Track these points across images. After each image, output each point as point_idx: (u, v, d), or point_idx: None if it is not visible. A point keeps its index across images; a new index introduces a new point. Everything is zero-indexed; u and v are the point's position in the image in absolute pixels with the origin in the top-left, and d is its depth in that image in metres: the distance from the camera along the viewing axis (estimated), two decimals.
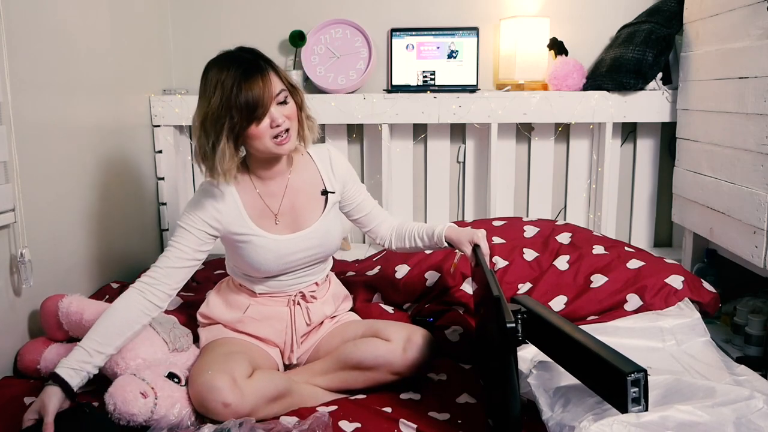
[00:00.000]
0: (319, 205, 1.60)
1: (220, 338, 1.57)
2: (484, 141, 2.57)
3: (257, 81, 1.37)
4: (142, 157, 2.41)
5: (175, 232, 1.52)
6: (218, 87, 1.37)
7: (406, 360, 1.50)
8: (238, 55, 1.43)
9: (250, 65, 1.39)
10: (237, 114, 1.37)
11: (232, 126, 1.38)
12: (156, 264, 1.48)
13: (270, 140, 1.42)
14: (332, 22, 2.53)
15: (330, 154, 1.63)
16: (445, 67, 2.51)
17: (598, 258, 1.90)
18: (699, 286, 1.80)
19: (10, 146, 1.60)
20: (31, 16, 1.74)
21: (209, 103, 1.39)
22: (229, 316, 1.60)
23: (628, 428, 1.08)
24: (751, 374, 1.50)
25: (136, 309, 1.42)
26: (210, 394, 1.32)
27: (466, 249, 1.61)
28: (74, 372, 1.32)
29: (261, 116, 1.39)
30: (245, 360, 1.43)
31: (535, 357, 1.49)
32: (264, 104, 1.38)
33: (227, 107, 1.37)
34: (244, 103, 1.36)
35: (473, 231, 1.62)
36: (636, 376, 1.06)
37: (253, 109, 1.37)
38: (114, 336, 1.39)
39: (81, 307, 1.59)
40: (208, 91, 1.40)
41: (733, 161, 1.83)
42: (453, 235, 1.64)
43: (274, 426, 1.31)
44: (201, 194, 1.52)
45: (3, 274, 1.63)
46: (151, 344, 1.49)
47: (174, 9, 2.61)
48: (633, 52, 2.25)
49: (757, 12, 1.72)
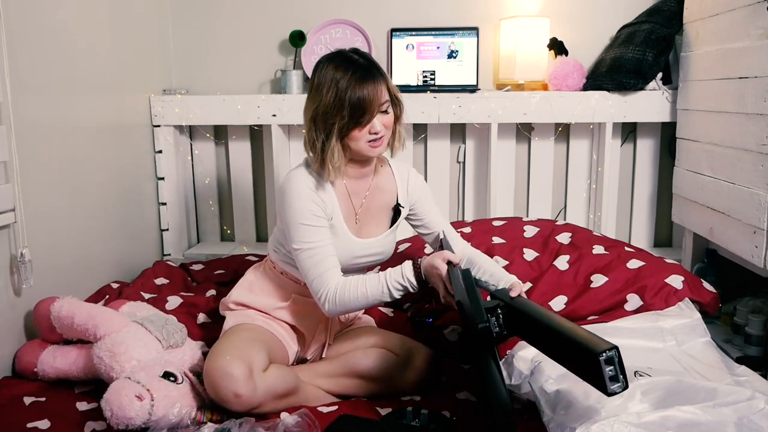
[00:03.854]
0: (388, 216, 1.65)
1: (246, 323, 1.57)
2: (484, 141, 2.57)
3: (370, 87, 1.44)
4: (142, 157, 2.40)
5: (300, 233, 1.48)
6: (333, 85, 1.43)
7: (409, 379, 1.54)
8: (354, 59, 1.48)
9: (366, 71, 1.45)
10: (347, 114, 1.43)
11: (341, 126, 1.44)
12: (315, 278, 1.47)
13: (365, 143, 1.48)
14: (332, 22, 2.53)
15: (410, 173, 1.69)
16: (445, 67, 2.51)
17: (598, 258, 1.90)
18: (699, 286, 1.80)
19: (10, 146, 1.60)
20: (31, 16, 1.73)
21: (322, 99, 1.45)
22: (271, 303, 1.61)
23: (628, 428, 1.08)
24: (752, 375, 1.49)
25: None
26: (224, 381, 1.33)
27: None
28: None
29: (366, 122, 1.45)
30: (264, 350, 1.44)
31: (535, 357, 1.49)
32: (371, 111, 1.45)
33: (339, 107, 1.43)
34: (355, 106, 1.43)
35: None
36: (608, 354, 1.04)
37: (362, 113, 1.44)
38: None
39: (72, 311, 1.57)
40: (322, 87, 1.45)
41: (733, 161, 1.83)
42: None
43: (273, 425, 1.31)
44: (299, 185, 1.51)
45: (3, 274, 1.63)
46: (144, 344, 1.49)
47: (174, 9, 2.61)
48: (633, 52, 2.25)
49: (757, 12, 1.72)
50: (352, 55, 1.49)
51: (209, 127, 2.63)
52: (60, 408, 1.44)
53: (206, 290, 2.06)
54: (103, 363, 1.44)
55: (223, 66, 2.64)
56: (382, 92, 1.46)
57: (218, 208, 2.74)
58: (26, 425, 1.35)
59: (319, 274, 1.46)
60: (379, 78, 1.46)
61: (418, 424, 1.32)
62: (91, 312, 1.56)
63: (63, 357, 1.57)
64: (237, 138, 2.64)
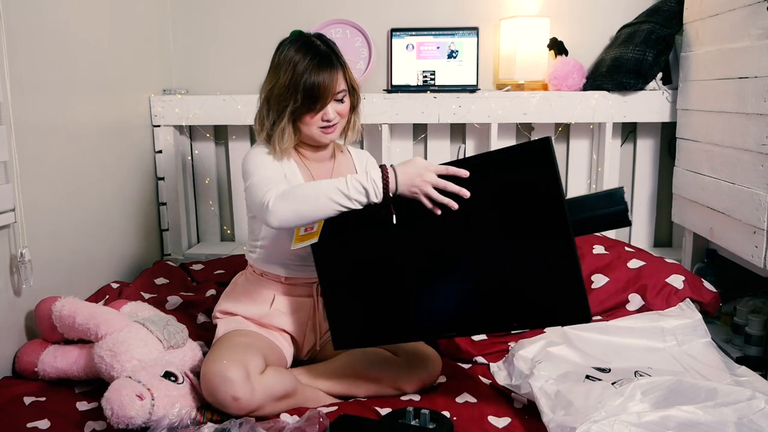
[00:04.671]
0: None
1: (239, 329, 1.56)
2: (484, 141, 2.56)
3: (326, 74, 1.46)
4: (142, 157, 2.40)
5: (254, 171, 1.46)
6: (290, 67, 1.46)
7: (412, 379, 1.52)
8: (316, 45, 1.50)
9: (325, 57, 1.47)
10: (300, 98, 1.46)
11: (293, 109, 1.47)
12: (266, 191, 1.38)
13: (317, 129, 1.51)
14: (332, 22, 2.53)
15: (368, 159, 1.73)
16: (445, 67, 2.51)
17: (598, 258, 1.90)
18: (699, 285, 1.80)
19: (10, 146, 1.60)
20: (31, 16, 1.73)
21: (278, 79, 1.48)
22: (255, 311, 1.61)
23: (629, 428, 1.08)
24: (752, 375, 1.50)
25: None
26: (222, 385, 1.33)
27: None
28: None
29: (318, 109, 1.48)
30: (260, 354, 1.44)
31: (535, 357, 1.49)
32: (324, 98, 1.47)
33: (294, 90, 1.45)
34: (309, 91, 1.45)
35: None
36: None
37: (315, 99, 1.46)
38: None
39: (73, 310, 1.57)
40: (280, 68, 1.48)
41: (733, 161, 1.83)
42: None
43: (274, 425, 1.31)
44: (261, 151, 1.54)
45: (3, 274, 1.63)
46: (145, 344, 1.49)
47: (174, 9, 2.61)
48: (633, 52, 2.25)
49: (757, 12, 1.72)
50: (315, 41, 1.51)
51: (209, 127, 2.63)
52: (60, 408, 1.44)
53: (206, 290, 2.06)
54: (104, 362, 1.44)
55: (223, 66, 2.64)
56: (338, 80, 1.49)
57: (218, 208, 2.73)
58: (26, 425, 1.35)
59: (271, 187, 1.38)
60: (337, 65, 1.48)
61: (418, 424, 1.32)
62: (93, 311, 1.56)
63: (64, 357, 1.57)
64: (237, 138, 2.64)
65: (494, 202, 1.28)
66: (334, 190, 1.31)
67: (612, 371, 1.46)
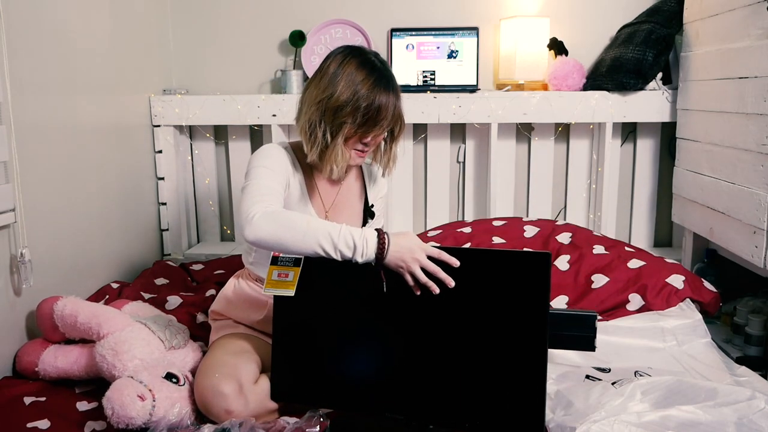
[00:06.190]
0: (359, 213, 1.64)
1: (231, 333, 1.55)
2: (484, 141, 2.57)
3: (389, 101, 1.40)
4: (142, 157, 2.40)
5: (256, 174, 1.42)
6: (351, 84, 1.38)
7: None
8: (377, 65, 1.43)
9: (388, 83, 1.41)
10: (359, 120, 1.39)
11: (350, 129, 1.40)
12: (255, 203, 1.34)
13: (353, 151, 1.46)
14: (332, 22, 2.53)
15: (381, 193, 1.69)
16: (445, 67, 2.51)
17: (598, 258, 1.90)
18: (700, 285, 1.80)
19: (10, 146, 1.60)
20: (31, 16, 1.73)
21: (334, 92, 1.39)
22: (251, 317, 1.59)
23: (629, 428, 1.08)
24: (752, 375, 1.50)
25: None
26: (215, 399, 1.32)
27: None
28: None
29: (370, 134, 1.43)
30: (253, 361, 1.43)
31: None
32: (382, 125, 1.42)
33: (354, 109, 1.38)
34: (370, 114, 1.39)
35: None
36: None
37: (372, 124, 1.40)
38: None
39: (75, 310, 1.58)
40: (338, 80, 1.39)
41: (733, 161, 1.84)
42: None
43: (274, 425, 1.31)
44: (274, 148, 1.50)
45: (3, 274, 1.63)
46: (147, 344, 1.49)
47: (174, 9, 2.61)
48: (633, 52, 2.25)
49: (757, 12, 1.72)
50: (374, 60, 1.44)
51: (209, 127, 2.63)
52: (60, 408, 1.44)
53: (206, 290, 2.06)
54: (106, 361, 1.44)
55: (223, 66, 2.64)
56: (397, 108, 1.44)
57: (218, 208, 2.74)
58: (26, 425, 1.35)
59: (264, 199, 1.34)
60: (394, 94, 1.43)
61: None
62: (95, 311, 1.56)
63: (64, 356, 1.57)
64: (237, 138, 2.64)
65: (478, 298, 1.24)
66: (324, 233, 1.26)
67: (612, 371, 1.46)
